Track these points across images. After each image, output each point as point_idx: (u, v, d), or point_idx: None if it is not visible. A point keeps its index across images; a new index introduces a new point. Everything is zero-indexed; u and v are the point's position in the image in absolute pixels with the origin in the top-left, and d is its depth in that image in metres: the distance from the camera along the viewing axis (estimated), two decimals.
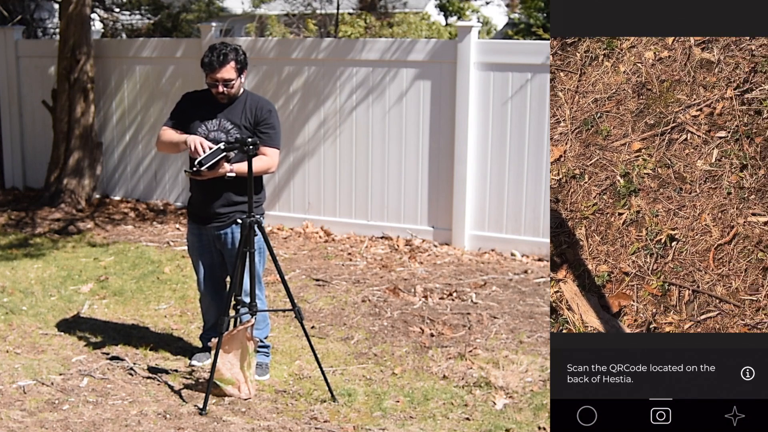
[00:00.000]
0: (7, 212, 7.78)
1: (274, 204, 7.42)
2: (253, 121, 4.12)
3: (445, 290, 5.73)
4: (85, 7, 7.78)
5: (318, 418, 3.83)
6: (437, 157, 6.82)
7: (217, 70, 4.01)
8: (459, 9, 19.95)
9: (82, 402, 3.93)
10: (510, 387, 4.16)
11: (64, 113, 7.87)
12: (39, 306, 5.31)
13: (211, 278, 4.35)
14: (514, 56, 6.55)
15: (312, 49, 7.18)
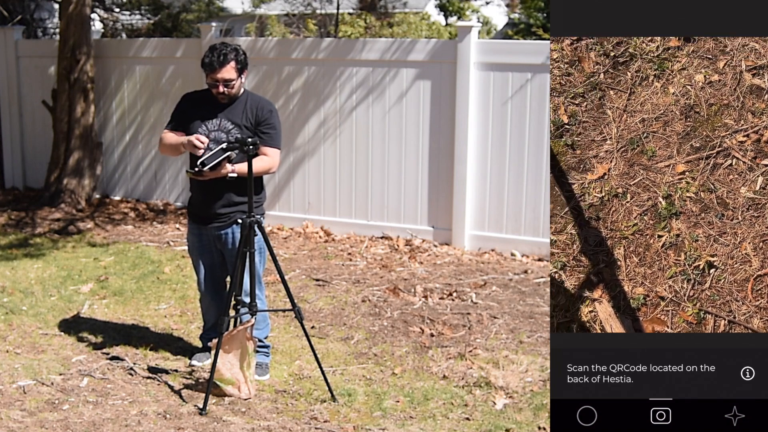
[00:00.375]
0: (7, 212, 7.78)
1: (274, 204, 7.42)
2: (254, 121, 4.12)
3: (445, 290, 5.73)
4: (85, 7, 7.78)
5: (318, 418, 3.83)
6: (437, 157, 6.82)
7: (218, 70, 4.01)
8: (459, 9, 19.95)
9: (82, 402, 3.93)
10: (510, 387, 4.16)
11: (64, 113, 7.87)
12: (39, 306, 5.31)
13: (211, 278, 4.35)
14: (514, 56, 6.55)
15: (312, 49, 7.18)
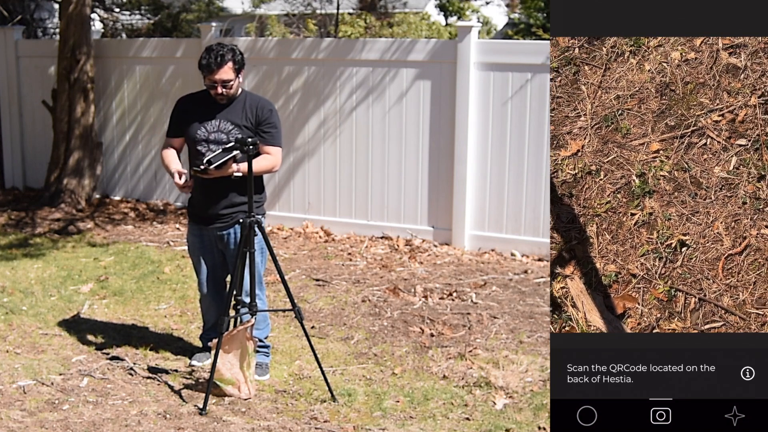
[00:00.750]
0: (7, 212, 7.78)
1: (274, 204, 7.42)
2: (255, 121, 4.12)
3: (445, 290, 5.73)
4: (85, 7, 7.78)
5: (318, 418, 3.83)
6: (437, 157, 6.82)
7: (215, 71, 4.00)
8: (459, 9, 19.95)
9: (82, 402, 3.93)
10: (510, 387, 4.16)
11: (64, 113, 7.87)
12: (39, 306, 5.31)
13: (212, 279, 4.35)
14: (514, 56, 6.55)
15: (312, 49, 7.18)
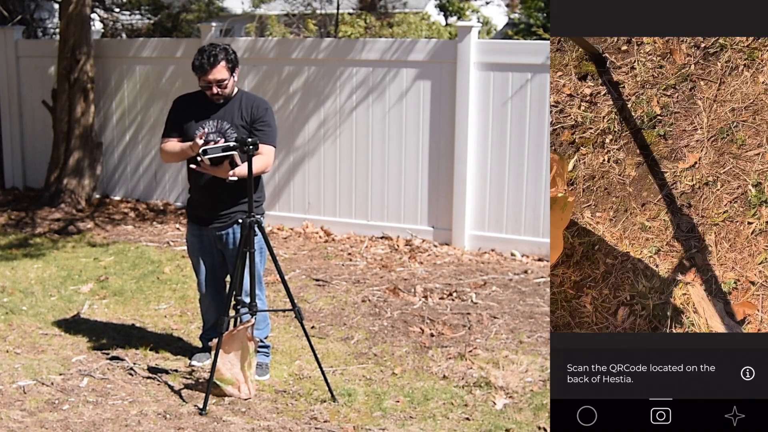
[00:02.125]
0: (7, 212, 7.78)
1: (274, 204, 7.42)
2: (250, 120, 4.11)
3: (445, 290, 5.73)
4: (85, 7, 7.78)
5: (318, 418, 3.83)
6: (437, 157, 6.82)
7: (209, 71, 3.99)
8: (459, 9, 19.96)
9: (82, 402, 3.93)
10: (510, 387, 4.16)
11: (64, 113, 7.87)
12: (39, 306, 5.31)
13: (212, 279, 4.35)
14: (514, 56, 6.55)
15: (312, 49, 7.18)
